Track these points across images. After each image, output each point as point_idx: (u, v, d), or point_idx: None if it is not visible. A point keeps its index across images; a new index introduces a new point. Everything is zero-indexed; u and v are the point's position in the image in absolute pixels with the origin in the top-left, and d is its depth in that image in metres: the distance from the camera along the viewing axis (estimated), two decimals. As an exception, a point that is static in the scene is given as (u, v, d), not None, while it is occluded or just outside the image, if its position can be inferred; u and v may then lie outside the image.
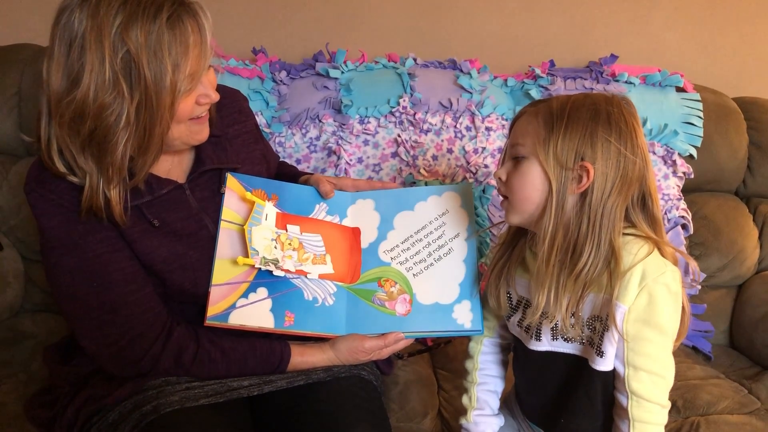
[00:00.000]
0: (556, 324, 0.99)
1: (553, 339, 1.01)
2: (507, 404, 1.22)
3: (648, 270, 0.90)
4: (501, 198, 1.02)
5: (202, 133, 1.09)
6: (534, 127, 0.94)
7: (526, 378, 1.13)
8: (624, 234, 0.94)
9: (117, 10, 0.92)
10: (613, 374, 0.96)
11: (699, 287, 1.70)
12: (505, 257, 1.09)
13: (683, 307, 0.95)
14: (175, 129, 1.03)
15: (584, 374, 0.98)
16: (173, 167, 1.13)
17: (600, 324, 0.94)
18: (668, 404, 0.95)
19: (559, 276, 0.94)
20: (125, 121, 0.95)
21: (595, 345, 0.96)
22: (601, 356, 0.95)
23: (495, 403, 1.17)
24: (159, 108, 0.96)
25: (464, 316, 1.14)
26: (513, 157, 0.98)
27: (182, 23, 0.96)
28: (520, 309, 1.07)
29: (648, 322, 0.90)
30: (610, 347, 0.94)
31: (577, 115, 0.92)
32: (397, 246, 1.21)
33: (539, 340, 1.02)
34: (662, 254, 0.94)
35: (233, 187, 1.15)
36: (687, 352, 1.65)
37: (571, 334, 0.98)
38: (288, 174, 1.34)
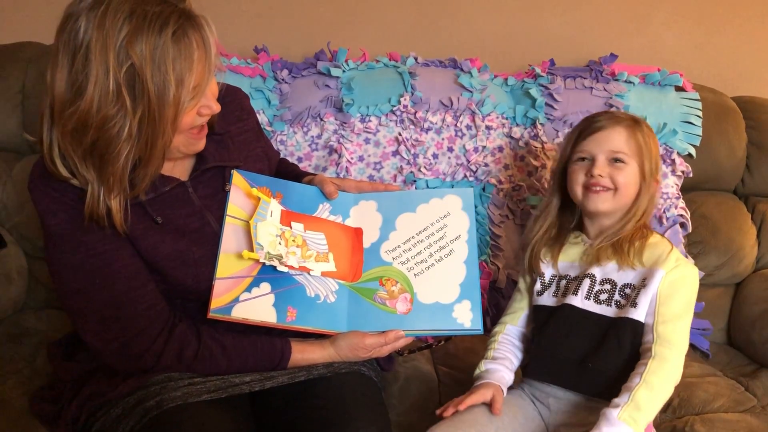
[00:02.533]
0: (593, 283, 1.23)
1: (587, 299, 1.22)
2: (513, 385, 1.27)
3: (679, 256, 1.22)
4: (600, 189, 1.25)
5: (198, 144, 1.10)
6: (637, 140, 1.26)
7: (554, 338, 1.23)
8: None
9: (123, 22, 0.92)
10: (642, 328, 1.17)
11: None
12: (551, 238, 1.33)
13: None
14: (175, 139, 1.03)
15: (616, 323, 1.19)
16: (176, 165, 1.14)
17: (633, 290, 1.20)
18: (682, 362, 1.14)
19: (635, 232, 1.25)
20: (127, 134, 0.96)
21: (630, 302, 1.19)
22: (635, 306, 1.17)
23: (510, 363, 1.28)
24: (162, 122, 0.97)
25: (464, 316, 1.16)
26: (613, 160, 1.25)
27: (187, 38, 0.96)
28: (554, 284, 1.28)
29: (679, 289, 1.18)
30: (645, 299, 1.17)
31: (651, 136, 1.29)
32: (399, 246, 1.23)
33: (575, 295, 1.23)
34: None
35: (239, 183, 1.17)
36: (684, 349, 1.66)
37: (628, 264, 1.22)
38: (290, 172, 1.35)
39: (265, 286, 1.13)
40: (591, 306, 1.22)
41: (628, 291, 1.20)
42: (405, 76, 1.75)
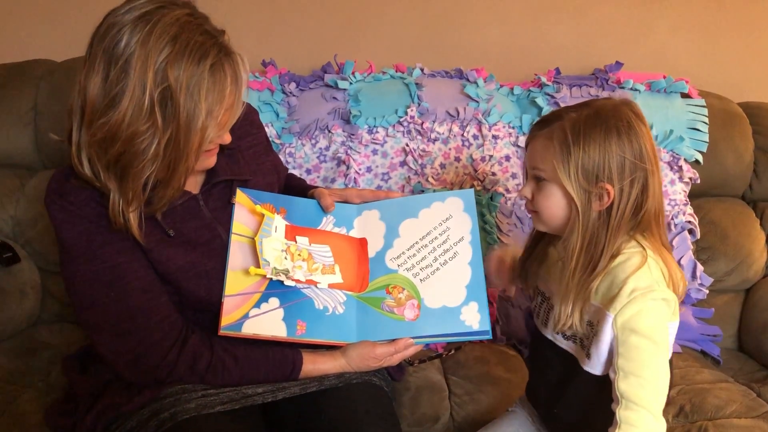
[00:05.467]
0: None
1: (557, 332, 1.08)
2: (522, 402, 1.26)
3: (639, 285, 0.95)
4: (528, 211, 1.10)
5: (208, 161, 1.12)
6: (551, 153, 0.99)
7: (534, 371, 1.20)
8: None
9: (166, 44, 0.95)
10: (606, 380, 1.00)
11: (706, 291, 1.71)
12: (531, 253, 1.16)
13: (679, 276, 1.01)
14: None
15: (577, 372, 1.05)
16: (188, 179, 1.16)
17: (591, 328, 1.01)
18: (659, 415, 0.96)
19: (579, 288, 0.99)
20: (153, 153, 0.98)
21: (585, 347, 1.03)
22: (588, 358, 1.02)
23: None
24: (186, 147, 0.99)
25: (472, 318, 1.16)
26: (534, 178, 1.04)
27: (223, 72, 0.99)
28: (537, 297, 1.15)
29: (635, 330, 0.95)
30: (595, 350, 1.00)
31: (591, 136, 0.96)
32: (404, 253, 1.23)
33: (546, 327, 1.11)
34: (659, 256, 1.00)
35: (242, 201, 1.18)
36: (695, 356, 1.66)
37: (581, 331, 1.03)
38: (297, 187, 1.37)
39: (274, 301, 1.13)
40: (560, 341, 1.09)
41: (589, 329, 1.02)
42: (411, 87, 1.76)
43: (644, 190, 0.98)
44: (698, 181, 1.76)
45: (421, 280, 1.20)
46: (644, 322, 0.95)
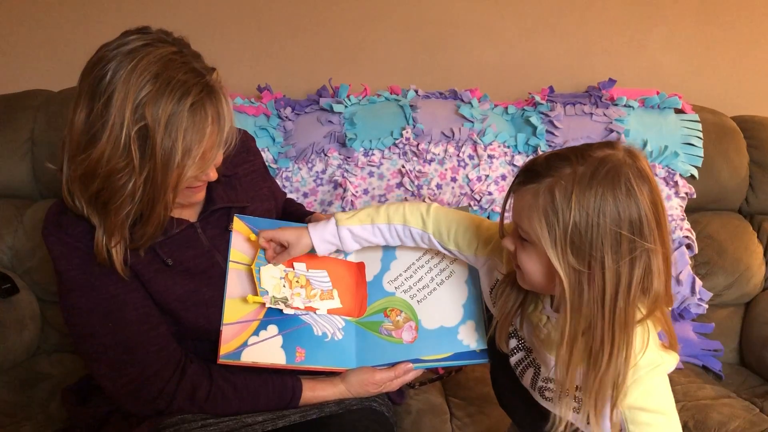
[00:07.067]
0: (536, 376, 1.00)
1: (532, 388, 1.03)
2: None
3: (642, 364, 0.87)
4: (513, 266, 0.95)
5: (196, 197, 1.12)
6: (536, 217, 0.84)
7: (512, 406, 1.16)
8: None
9: (147, 81, 0.94)
10: None
11: (706, 306, 1.71)
12: (516, 305, 1.01)
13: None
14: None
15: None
16: (185, 207, 1.16)
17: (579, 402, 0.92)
18: None
19: (586, 379, 0.87)
20: (131, 190, 0.97)
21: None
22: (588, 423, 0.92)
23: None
24: (164, 185, 0.98)
25: (469, 337, 1.16)
26: (518, 233, 0.90)
27: (204, 111, 0.98)
28: (517, 351, 1.06)
29: (645, 408, 0.88)
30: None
31: (581, 203, 0.81)
32: (401, 275, 1.23)
33: (533, 389, 1.04)
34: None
35: (239, 228, 1.18)
36: (697, 371, 1.66)
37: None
38: (295, 212, 1.37)
39: (273, 329, 1.13)
40: (537, 397, 1.02)
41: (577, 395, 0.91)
42: (406, 109, 1.77)
43: (648, 273, 0.83)
44: (694, 196, 1.77)
45: (418, 301, 1.20)
46: (653, 399, 0.88)
